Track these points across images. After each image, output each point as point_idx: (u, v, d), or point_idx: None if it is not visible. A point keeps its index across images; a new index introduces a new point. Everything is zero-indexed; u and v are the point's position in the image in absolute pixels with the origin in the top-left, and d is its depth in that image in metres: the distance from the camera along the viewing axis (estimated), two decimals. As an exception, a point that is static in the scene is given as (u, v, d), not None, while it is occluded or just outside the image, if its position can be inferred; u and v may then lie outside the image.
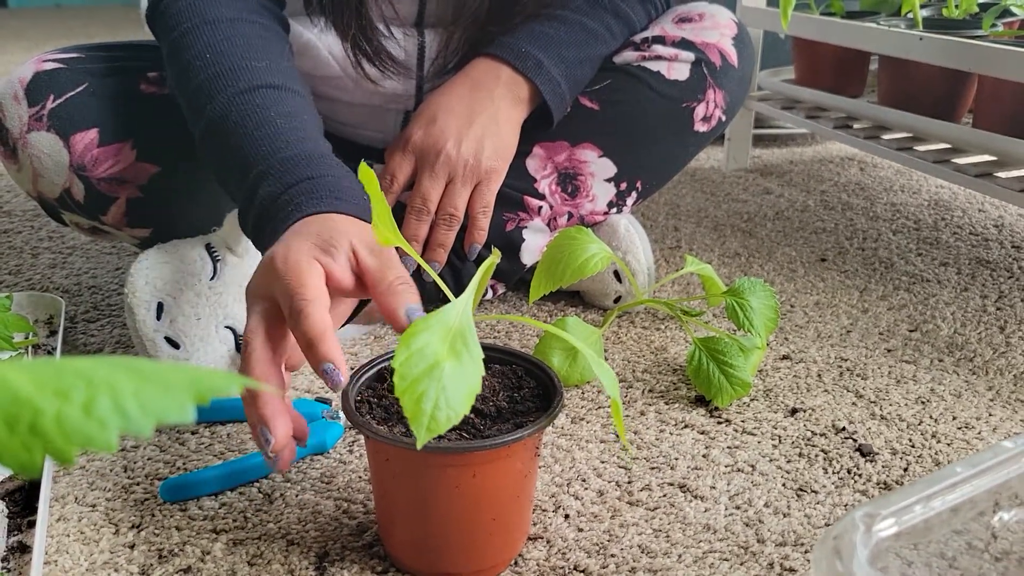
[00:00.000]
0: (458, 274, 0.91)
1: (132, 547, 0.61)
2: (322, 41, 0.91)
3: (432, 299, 0.88)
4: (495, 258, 0.54)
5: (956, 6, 1.24)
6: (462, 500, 0.54)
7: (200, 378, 0.22)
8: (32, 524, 0.62)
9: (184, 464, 0.70)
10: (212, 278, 0.80)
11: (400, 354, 0.44)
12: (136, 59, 0.88)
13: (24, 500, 0.65)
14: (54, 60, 0.85)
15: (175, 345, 0.78)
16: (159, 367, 0.22)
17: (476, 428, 0.55)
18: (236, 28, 0.77)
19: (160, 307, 0.78)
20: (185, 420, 0.21)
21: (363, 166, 0.52)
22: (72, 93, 0.83)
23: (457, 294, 0.61)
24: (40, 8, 3.97)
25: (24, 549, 0.60)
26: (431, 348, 0.45)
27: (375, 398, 0.58)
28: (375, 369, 0.61)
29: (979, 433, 0.76)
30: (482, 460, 0.53)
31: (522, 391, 0.59)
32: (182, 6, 0.78)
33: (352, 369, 0.61)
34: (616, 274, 0.97)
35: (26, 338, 0.85)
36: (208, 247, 0.82)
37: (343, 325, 0.67)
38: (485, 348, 0.62)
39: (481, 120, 0.86)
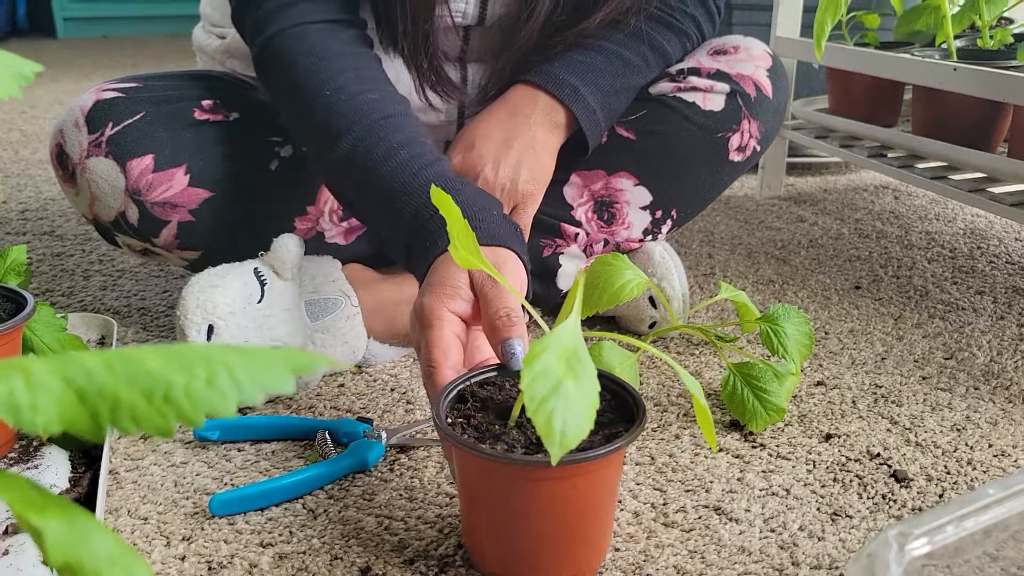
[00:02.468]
0: None
1: (183, 559, 0.63)
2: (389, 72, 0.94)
3: None
4: (582, 278, 0.56)
5: (991, 37, 1.25)
6: (560, 511, 0.57)
7: (294, 357, 0.26)
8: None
9: (231, 480, 0.73)
10: (259, 301, 0.83)
11: (525, 376, 0.47)
12: (191, 87, 0.92)
13: (80, 512, 0.67)
14: (114, 89, 0.89)
15: (223, 364, 0.80)
16: (261, 350, 0.25)
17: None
18: (350, 62, 0.83)
19: (210, 329, 0.81)
20: (286, 391, 0.25)
21: (435, 189, 0.55)
22: (130, 121, 0.86)
23: None
24: (88, 39, 4.10)
25: (80, 558, 0.62)
26: (551, 369, 0.47)
27: (463, 417, 0.60)
28: (455, 391, 0.63)
29: (1015, 461, 0.77)
30: (582, 472, 0.56)
31: (601, 405, 0.61)
32: (291, 44, 0.82)
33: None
34: (651, 300, 0.98)
35: (80, 357, 0.88)
36: (256, 271, 0.84)
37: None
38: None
39: (518, 145, 0.88)
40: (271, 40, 0.83)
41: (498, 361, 0.64)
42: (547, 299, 0.99)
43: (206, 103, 0.91)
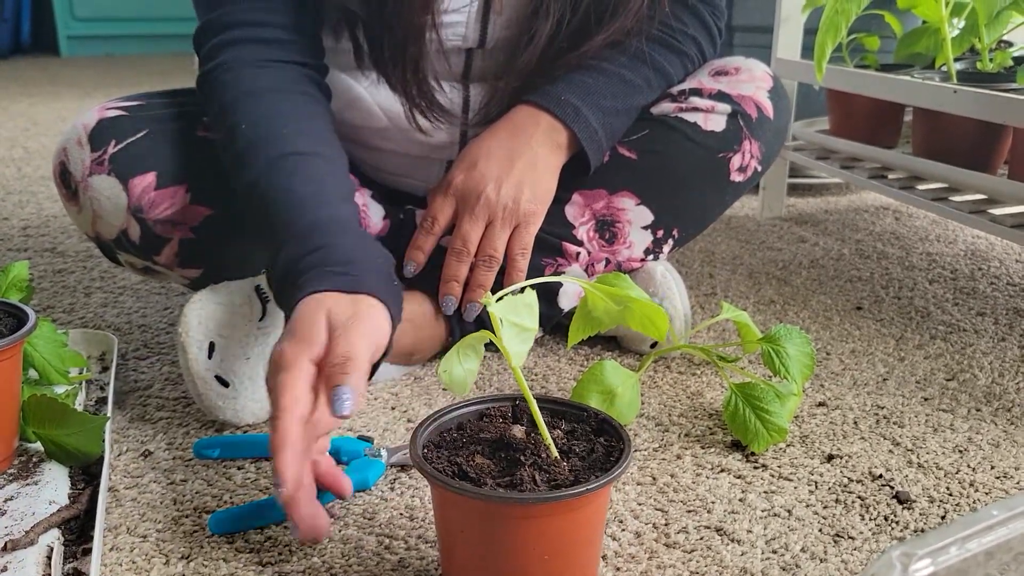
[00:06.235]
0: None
1: (181, 577, 0.63)
2: (371, 95, 0.94)
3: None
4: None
5: (990, 59, 1.26)
6: (537, 551, 0.55)
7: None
8: (87, 552, 0.64)
9: (231, 498, 0.72)
10: (261, 319, 0.83)
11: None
12: (195, 104, 0.92)
13: (79, 529, 0.67)
14: (117, 108, 0.89)
15: (224, 383, 0.80)
16: None
17: (556, 479, 0.56)
18: (271, 98, 0.83)
19: (212, 346, 0.80)
20: None
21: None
22: (132, 139, 0.86)
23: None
24: (91, 57, 4.12)
25: (79, 576, 0.62)
26: None
27: (449, 449, 0.60)
28: (449, 417, 0.62)
29: (1018, 483, 0.76)
30: (560, 511, 0.54)
31: (594, 444, 0.60)
32: (227, 78, 0.83)
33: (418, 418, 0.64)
34: (652, 319, 0.98)
35: (80, 373, 0.88)
36: (257, 289, 0.84)
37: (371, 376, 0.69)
38: (559, 403, 0.64)
39: (520, 165, 0.89)
40: (214, 70, 0.84)
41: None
42: (549, 319, 0.99)
43: (208, 120, 0.92)
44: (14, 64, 3.81)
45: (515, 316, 0.52)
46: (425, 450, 0.59)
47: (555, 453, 0.58)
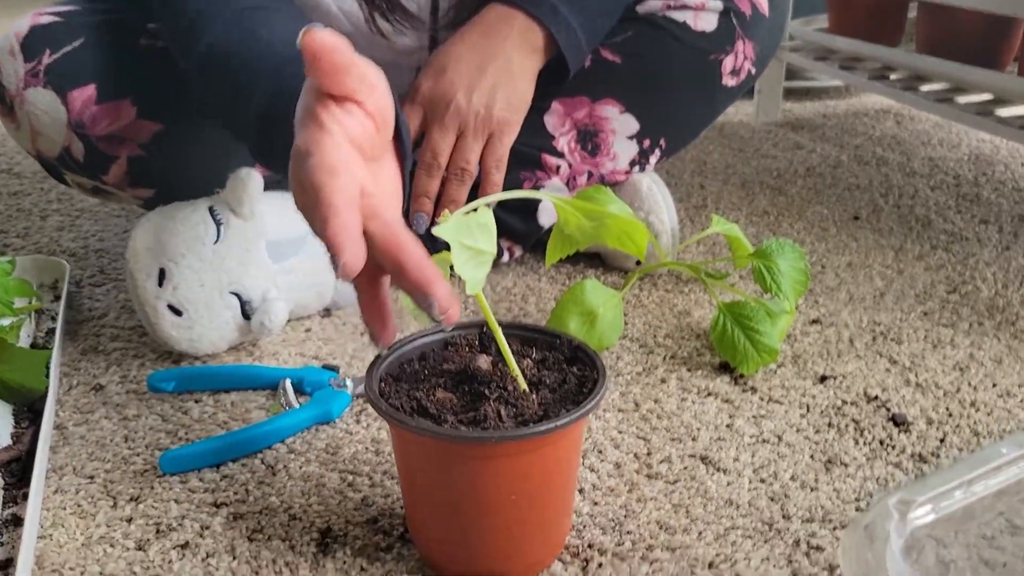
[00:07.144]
0: None
1: (129, 521, 0.59)
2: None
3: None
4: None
5: (1002, -53, 1.17)
6: (504, 493, 0.51)
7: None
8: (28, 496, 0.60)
9: (186, 434, 0.68)
10: (216, 242, 0.77)
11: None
12: (136, 11, 0.84)
13: (20, 471, 0.63)
14: (51, 13, 0.82)
15: (178, 312, 0.75)
16: None
17: (523, 414, 0.51)
18: None
19: (162, 273, 0.75)
20: None
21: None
22: (69, 48, 0.80)
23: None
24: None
25: (18, 522, 0.58)
26: None
27: (409, 382, 0.54)
28: (412, 346, 0.57)
29: (1021, 401, 0.72)
30: (523, 449, 0.49)
31: (566, 374, 0.55)
32: None
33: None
34: (638, 234, 0.93)
35: (29, 303, 0.83)
36: (211, 210, 0.79)
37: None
38: (530, 329, 0.59)
39: (493, 70, 0.82)
40: None
41: None
42: (528, 236, 0.93)
43: (153, 27, 0.84)
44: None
45: (467, 238, 0.46)
46: (383, 384, 0.54)
47: (523, 385, 0.53)
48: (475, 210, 0.48)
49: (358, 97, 0.52)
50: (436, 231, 0.46)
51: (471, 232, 0.46)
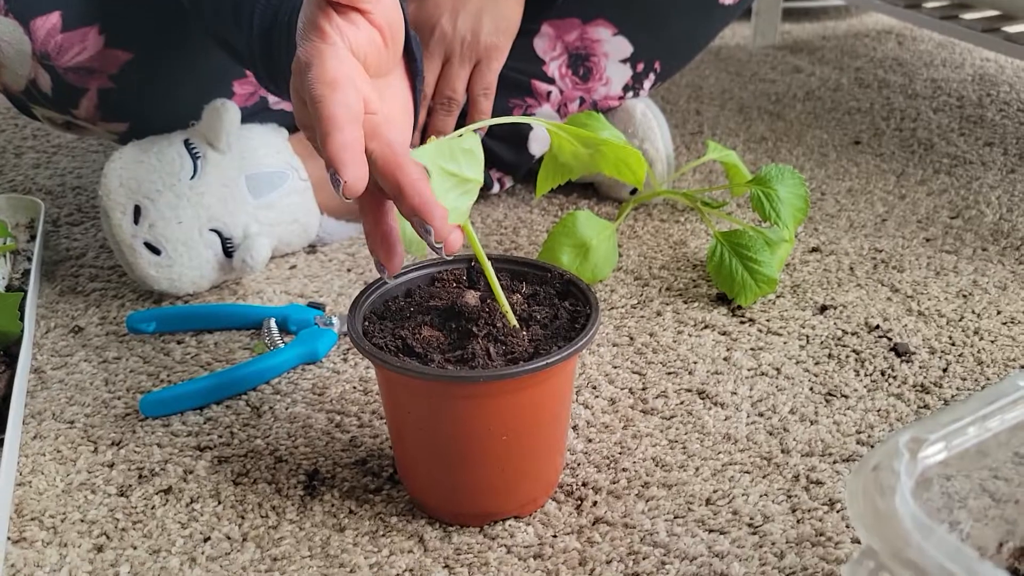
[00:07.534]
0: None
1: (111, 466, 0.57)
2: None
3: None
4: None
5: None
6: (494, 433, 0.49)
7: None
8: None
9: (168, 376, 0.66)
10: (192, 177, 0.74)
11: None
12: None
13: (-2, 417, 0.61)
14: (9, -63, 0.77)
15: (156, 251, 0.72)
16: None
17: (513, 352, 0.49)
18: None
19: (137, 210, 0.72)
20: None
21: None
22: (30, -27, 0.75)
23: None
24: None
25: (-4, 470, 0.56)
26: None
27: (394, 320, 0.52)
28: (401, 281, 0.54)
29: (1026, 329, 0.70)
30: (513, 388, 0.47)
31: (558, 309, 0.53)
32: None
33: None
34: (632, 163, 0.90)
35: (4, 243, 0.80)
36: (187, 143, 0.75)
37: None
38: (520, 262, 0.56)
39: None
40: None
41: None
42: (519, 166, 0.90)
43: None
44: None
45: (451, 164, 0.43)
46: (366, 322, 0.52)
47: (513, 321, 0.51)
48: (460, 136, 0.45)
49: (364, 6, 0.48)
50: (414, 154, 0.43)
51: (454, 157, 0.43)
